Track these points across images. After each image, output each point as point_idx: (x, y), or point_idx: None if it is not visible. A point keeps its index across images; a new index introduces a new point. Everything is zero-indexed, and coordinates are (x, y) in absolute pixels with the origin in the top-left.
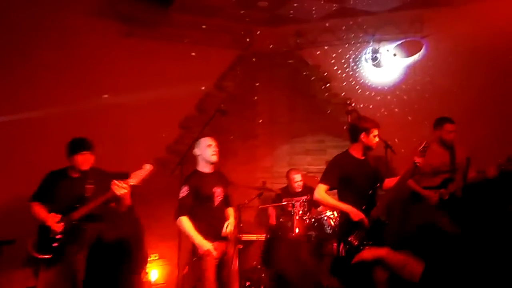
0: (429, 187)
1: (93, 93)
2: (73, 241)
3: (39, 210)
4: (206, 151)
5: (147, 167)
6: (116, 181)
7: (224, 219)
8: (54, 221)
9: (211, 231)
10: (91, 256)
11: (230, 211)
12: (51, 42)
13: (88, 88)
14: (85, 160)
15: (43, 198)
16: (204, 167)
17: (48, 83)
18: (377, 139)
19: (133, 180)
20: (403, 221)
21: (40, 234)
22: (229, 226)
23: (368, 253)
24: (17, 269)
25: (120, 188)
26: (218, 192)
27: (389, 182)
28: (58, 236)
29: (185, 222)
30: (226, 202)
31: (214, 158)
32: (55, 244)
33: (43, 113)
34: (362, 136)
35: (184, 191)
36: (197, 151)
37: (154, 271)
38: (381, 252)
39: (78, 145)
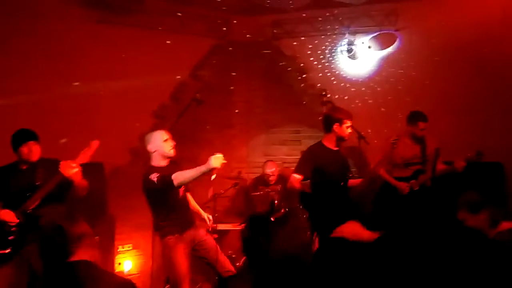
0: (401, 178)
1: (64, 81)
2: (30, 232)
3: None
4: (164, 146)
5: (94, 144)
6: (63, 162)
7: (188, 206)
8: (7, 215)
9: (180, 221)
10: (47, 244)
11: (191, 199)
12: (21, 28)
13: (59, 75)
14: (30, 151)
15: None
16: (160, 162)
17: (18, 70)
18: (349, 130)
19: (81, 158)
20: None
21: None
22: (210, 220)
23: (350, 231)
24: None
25: (68, 168)
26: None
27: (353, 182)
28: (13, 229)
29: (180, 173)
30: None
31: (172, 152)
32: (11, 238)
33: (13, 101)
34: (335, 126)
35: (154, 176)
36: (151, 147)
37: (128, 262)
38: (365, 235)
39: (21, 136)
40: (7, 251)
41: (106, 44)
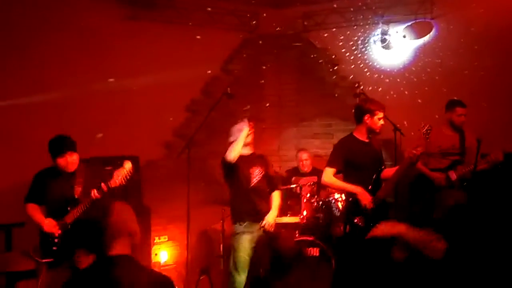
0: (437, 169)
1: (98, 77)
2: (71, 243)
3: (35, 213)
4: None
5: (128, 166)
6: (95, 190)
7: (263, 199)
8: (50, 226)
9: (247, 210)
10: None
11: (275, 196)
12: (56, 25)
13: (93, 71)
14: (67, 162)
15: (36, 199)
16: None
17: (53, 67)
18: (381, 122)
19: (114, 181)
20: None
21: (40, 239)
22: (266, 222)
23: (383, 229)
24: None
25: (98, 193)
26: (256, 172)
27: (387, 172)
28: (56, 240)
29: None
30: (270, 185)
31: (248, 139)
32: (54, 248)
33: (49, 97)
34: (366, 118)
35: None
36: (231, 138)
37: (164, 253)
38: (399, 228)
39: (58, 147)
40: (51, 260)
41: (138, 40)
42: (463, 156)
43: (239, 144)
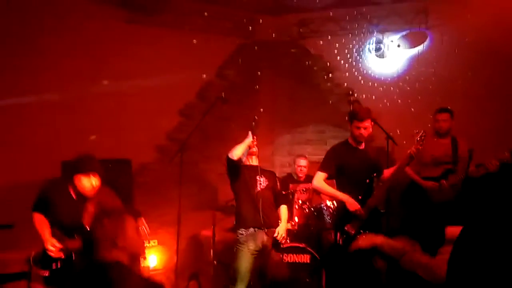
0: (430, 177)
1: (92, 79)
2: (72, 267)
3: (41, 226)
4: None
5: (140, 221)
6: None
7: (269, 208)
8: (54, 251)
9: (253, 215)
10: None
11: (283, 210)
12: (51, 27)
13: (88, 74)
14: (92, 185)
15: (44, 210)
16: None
17: (48, 69)
18: (361, 131)
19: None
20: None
21: (43, 251)
22: (279, 233)
23: (364, 241)
24: (14, 253)
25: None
26: (262, 181)
27: (387, 173)
28: (57, 263)
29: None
30: (277, 199)
31: (254, 149)
32: (53, 267)
33: (43, 98)
34: (350, 125)
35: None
36: None
37: (153, 257)
38: (377, 240)
39: (86, 164)
40: (47, 274)
41: (134, 43)
42: (455, 165)
43: (242, 146)
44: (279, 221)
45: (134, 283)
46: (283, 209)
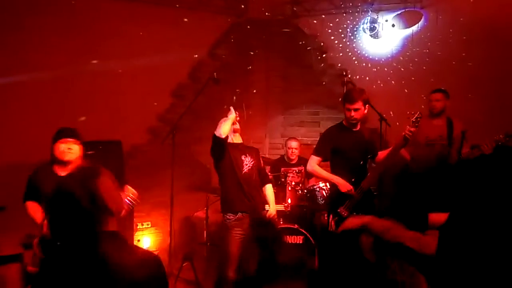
0: (423, 158)
1: (82, 58)
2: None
3: (34, 213)
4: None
5: (127, 189)
6: None
7: (255, 189)
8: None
9: (239, 198)
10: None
11: (269, 190)
12: (41, 5)
13: (77, 53)
14: (67, 151)
15: (34, 197)
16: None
17: (37, 47)
18: (351, 113)
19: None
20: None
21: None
22: (270, 212)
23: (353, 221)
24: (6, 236)
25: None
26: (247, 161)
27: (382, 155)
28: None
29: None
30: (262, 177)
31: (236, 125)
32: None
33: (33, 78)
34: (343, 107)
35: None
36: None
37: (147, 239)
38: (365, 219)
39: (61, 132)
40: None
41: (124, 21)
42: (450, 146)
43: (228, 122)
44: (266, 203)
45: (128, 253)
46: (269, 189)
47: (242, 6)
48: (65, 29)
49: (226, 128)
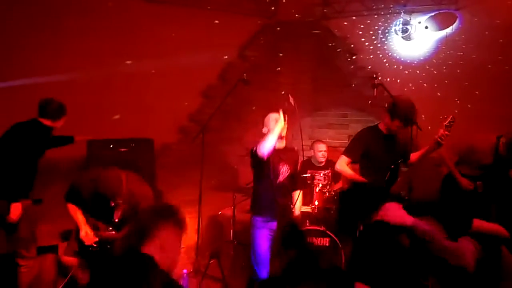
0: (468, 175)
1: (116, 59)
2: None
3: (75, 214)
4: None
5: None
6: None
7: (285, 197)
8: (88, 239)
9: (269, 205)
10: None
11: (296, 195)
12: (74, 7)
13: (111, 54)
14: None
15: (75, 200)
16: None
17: (71, 49)
18: (399, 130)
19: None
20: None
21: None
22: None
23: (394, 217)
24: (43, 227)
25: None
26: (284, 170)
27: (414, 156)
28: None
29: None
30: (294, 183)
31: (283, 132)
32: (91, 249)
33: (69, 78)
34: (387, 118)
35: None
36: (265, 129)
37: None
38: (407, 220)
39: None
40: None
41: (157, 23)
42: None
43: (273, 138)
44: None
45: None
46: (296, 194)
47: (272, 8)
48: (100, 30)
49: (270, 146)
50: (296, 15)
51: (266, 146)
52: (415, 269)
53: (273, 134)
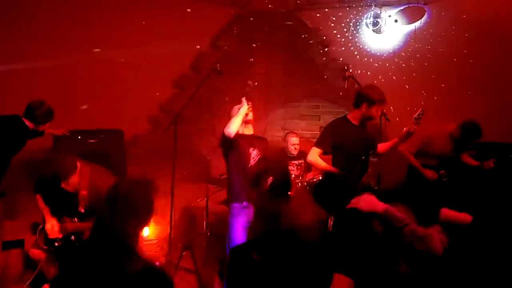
0: (430, 165)
1: (85, 47)
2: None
3: (42, 205)
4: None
5: None
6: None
7: None
8: (53, 232)
9: (245, 189)
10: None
11: None
12: None
13: (80, 41)
14: (70, 185)
15: (43, 192)
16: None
17: (38, 36)
18: (379, 113)
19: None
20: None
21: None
22: None
23: (366, 204)
24: (6, 221)
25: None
26: (254, 154)
27: (382, 147)
28: (57, 243)
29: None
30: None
31: (249, 116)
32: (56, 244)
33: (34, 66)
34: (364, 105)
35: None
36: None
37: (146, 228)
38: (378, 207)
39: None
40: (51, 249)
41: (127, 11)
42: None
43: (239, 118)
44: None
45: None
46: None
47: None
48: (67, 17)
49: (235, 126)
50: (270, 6)
51: (232, 126)
52: (388, 254)
53: (238, 116)
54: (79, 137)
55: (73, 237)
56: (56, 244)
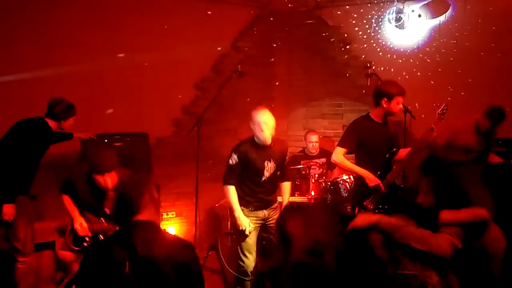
0: (460, 161)
1: (108, 52)
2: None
3: (70, 206)
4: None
5: None
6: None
7: (271, 191)
8: (82, 230)
9: (254, 200)
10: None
11: (286, 188)
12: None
13: (103, 47)
14: (105, 185)
15: (70, 192)
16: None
17: (63, 42)
18: (400, 106)
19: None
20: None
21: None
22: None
23: (361, 220)
24: (39, 223)
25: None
26: (269, 167)
27: (402, 153)
28: (87, 240)
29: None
30: (282, 175)
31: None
32: (85, 244)
33: (60, 72)
34: (384, 101)
35: (233, 159)
36: (252, 123)
37: (172, 228)
38: (373, 218)
39: (97, 165)
40: (79, 249)
41: (149, 15)
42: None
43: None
44: (279, 197)
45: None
46: (286, 186)
47: None
48: (92, 23)
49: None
50: (289, 5)
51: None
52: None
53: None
54: (106, 140)
55: (101, 236)
56: (85, 244)
